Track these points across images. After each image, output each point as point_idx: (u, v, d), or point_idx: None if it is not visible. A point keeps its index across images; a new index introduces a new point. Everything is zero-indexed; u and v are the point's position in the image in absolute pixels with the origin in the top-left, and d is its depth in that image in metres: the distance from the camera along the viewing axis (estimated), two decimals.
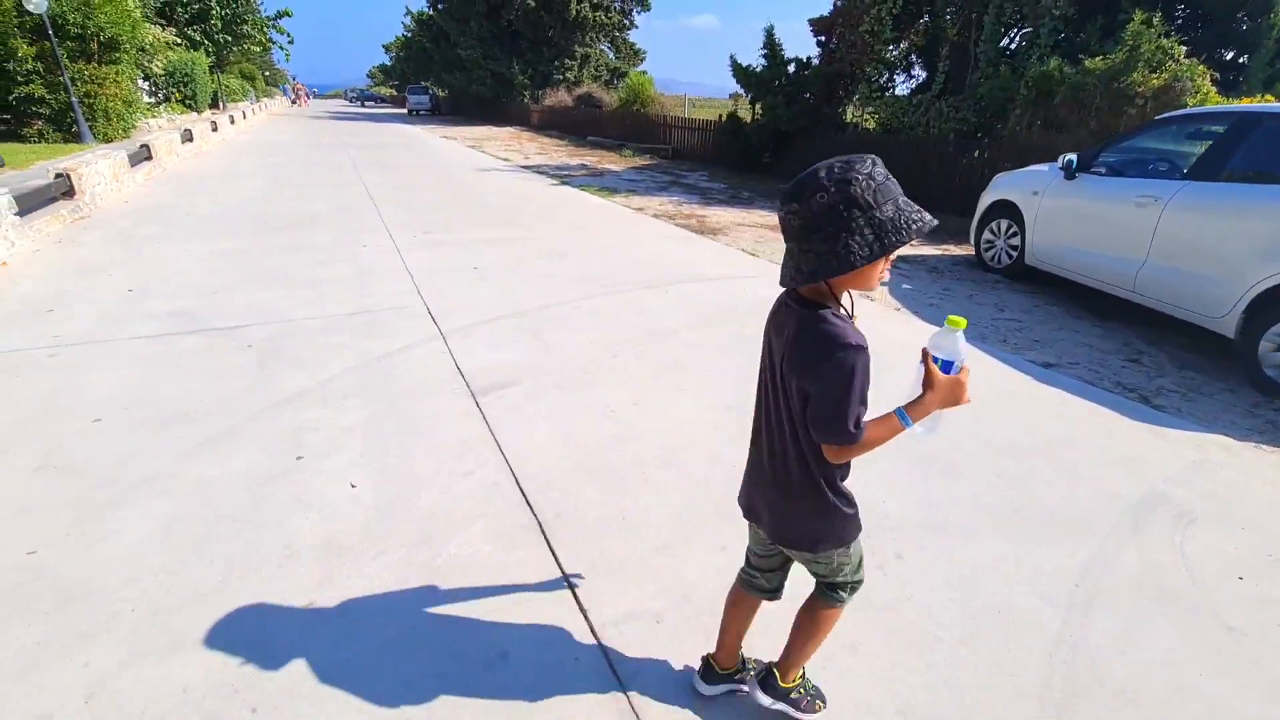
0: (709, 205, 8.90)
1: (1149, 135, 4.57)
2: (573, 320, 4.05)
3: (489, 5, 26.94)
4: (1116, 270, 4.31)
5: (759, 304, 4.50)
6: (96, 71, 12.16)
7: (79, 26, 11.65)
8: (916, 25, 10.04)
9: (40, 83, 11.58)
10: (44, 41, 11.29)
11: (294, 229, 6.33)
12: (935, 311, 4.61)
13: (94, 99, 12.18)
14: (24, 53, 11.26)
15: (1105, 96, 6.90)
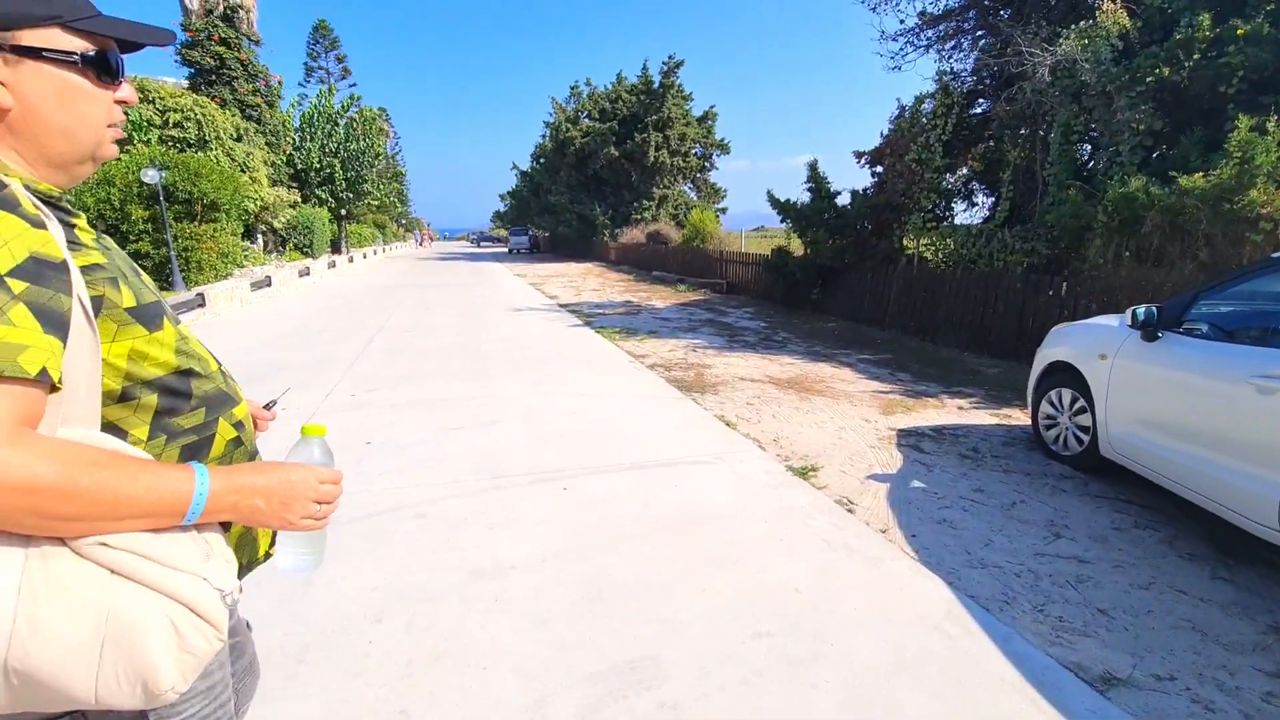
0: (728, 351, 7.83)
1: (1268, 277, 3.05)
2: (388, 538, 2.98)
3: (577, 158, 29.13)
4: (1240, 491, 2.68)
5: (677, 517, 3.23)
6: (196, 230, 13.61)
7: (186, 193, 13.20)
8: (974, 150, 8.96)
9: (148, 240, 13.05)
10: (155, 206, 12.85)
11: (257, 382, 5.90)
12: (944, 538, 3.10)
13: (190, 252, 13.53)
14: (137, 215, 12.83)
15: (1215, 221, 5.31)
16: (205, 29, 20.24)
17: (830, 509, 3.36)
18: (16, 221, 0.69)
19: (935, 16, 8.96)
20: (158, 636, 0.71)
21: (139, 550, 0.72)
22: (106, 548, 0.71)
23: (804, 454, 4.24)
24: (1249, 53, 5.99)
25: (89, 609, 0.68)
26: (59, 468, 0.66)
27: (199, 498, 0.75)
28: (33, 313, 0.67)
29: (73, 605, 0.68)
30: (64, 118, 0.80)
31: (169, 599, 0.73)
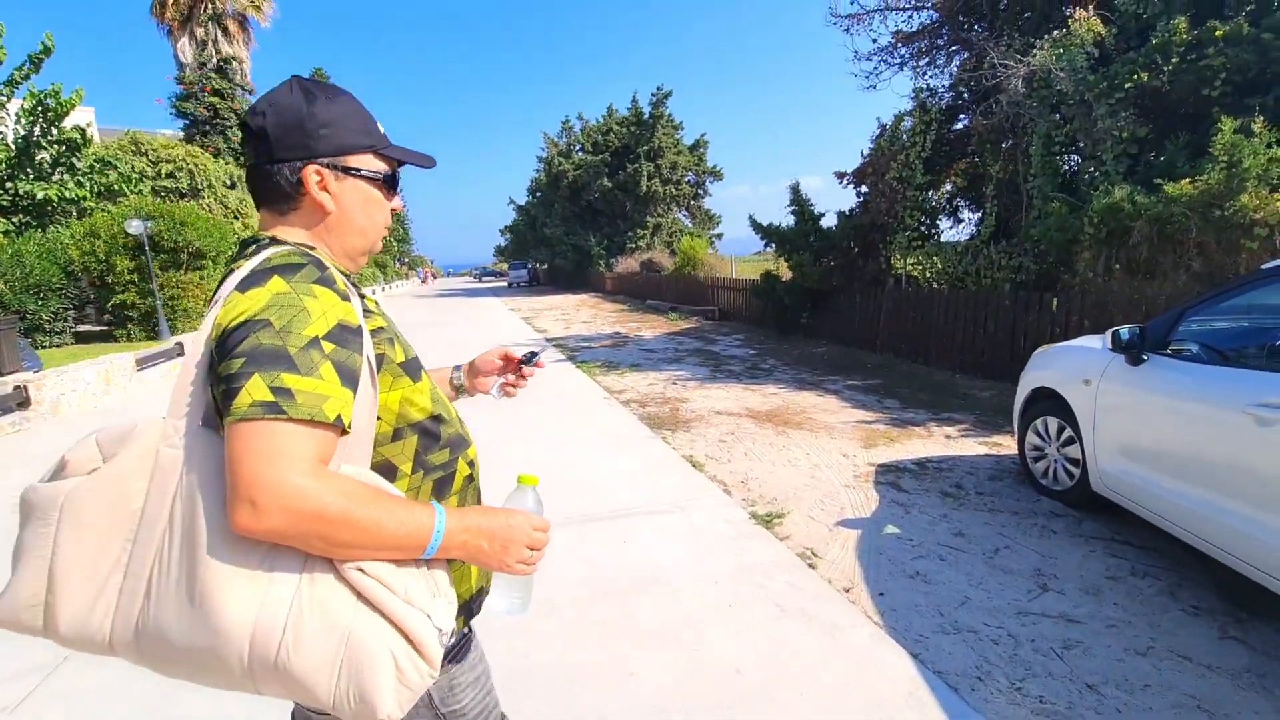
0: (710, 383, 7.53)
1: (1260, 291, 2.74)
2: None
3: (571, 190, 29.30)
4: (1244, 536, 2.34)
5: (619, 582, 2.91)
6: (183, 278, 13.58)
7: (171, 242, 13.19)
8: (956, 166, 8.75)
9: (134, 290, 13.00)
10: (141, 256, 12.83)
11: None
12: (915, 596, 2.75)
13: (177, 301, 13.48)
14: (123, 266, 12.80)
15: (1206, 229, 5.02)
16: (199, 81, 20.62)
17: (790, 565, 3.02)
18: (332, 296, 0.85)
19: (909, 34, 8.84)
20: (383, 667, 0.78)
21: (383, 579, 0.81)
22: (362, 573, 0.80)
23: (772, 497, 3.91)
24: (1230, 54, 5.77)
25: (336, 631, 0.77)
26: (343, 500, 0.77)
27: (437, 534, 0.84)
28: (335, 370, 0.81)
29: (326, 625, 0.77)
30: (364, 221, 1.00)
31: (396, 632, 0.80)
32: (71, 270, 12.67)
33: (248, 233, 10.37)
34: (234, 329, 0.79)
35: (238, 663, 0.77)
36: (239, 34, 22.48)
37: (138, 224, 12.23)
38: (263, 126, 0.92)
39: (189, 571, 0.77)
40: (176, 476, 0.79)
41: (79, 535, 0.79)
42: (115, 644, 0.80)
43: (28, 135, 13.13)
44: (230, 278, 0.89)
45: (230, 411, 0.75)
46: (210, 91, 20.63)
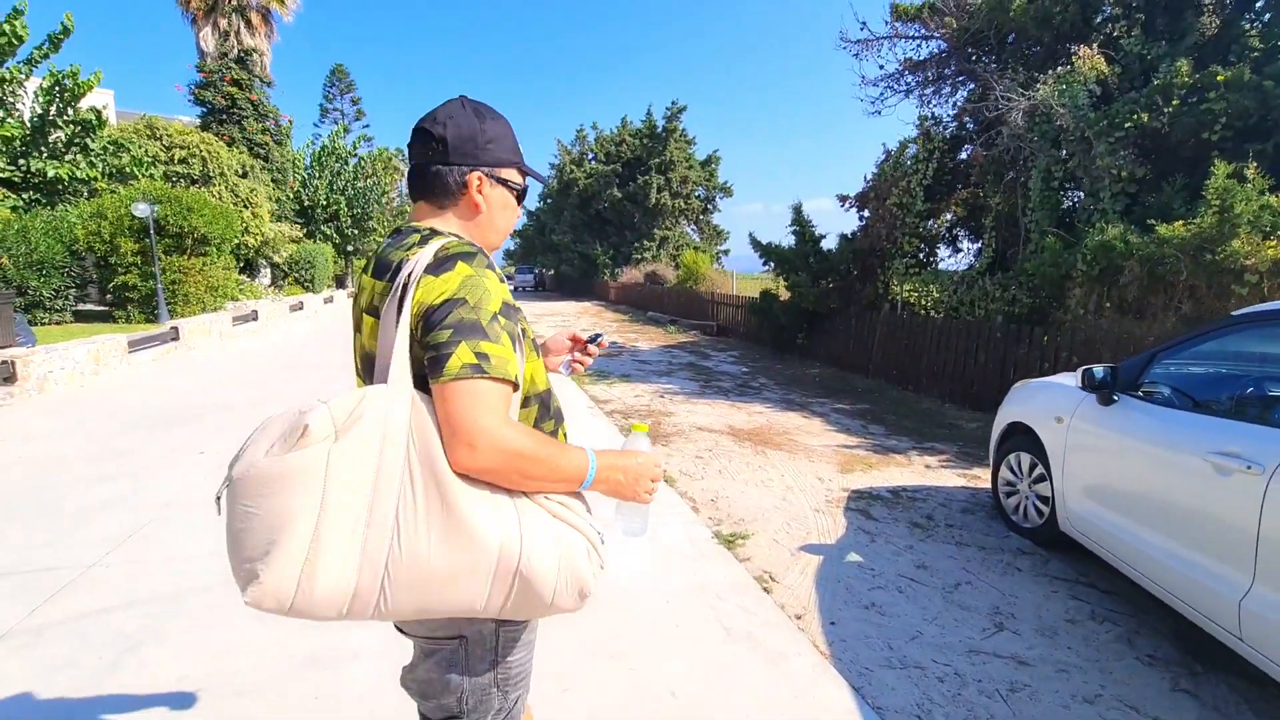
0: (697, 398, 7.50)
1: (1232, 337, 2.71)
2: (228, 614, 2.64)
3: (581, 198, 29.45)
4: (1199, 586, 2.30)
5: None
6: (185, 263, 13.65)
7: (177, 227, 13.27)
8: (957, 195, 8.74)
9: (136, 273, 13.06)
10: (145, 240, 12.91)
11: (184, 424, 5.68)
12: (867, 628, 2.71)
13: (178, 285, 13.53)
14: (127, 248, 12.88)
15: (1197, 272, 4.99)
16: (219, 70, 20.86)
17: (745, 587, 2.98)
18: (496, 278, 1.03)
19: (916, 62, 8.88)
20: (584, 558, 1.03)
21: (563, 503, 1.04)
22: (548, 500, 1.03)
23: (739, 517, 3.87)
24: (1231, 99, 5.77)
25: (549, 537, 0.98)
26: (532, 442, 0.97)
27: (591, 470, 1.05)
28: (509, 338, 0.98)
29: (543, 532, 0.98)
30: (502, 222, 1.20)
31: (581, 536, 1.04)
32: (76, 249, 12.75)
33: (255, 222, 10.69)
34: (438, 306, 0.96)
35: (485, 574, 0.95)
36: (261, 26, 22.76)
37: (144, 207, 12.31)
38: (444, 135, 1.10)
39: (442, 506, 0.92)
40: (405, 432, 0.93)
41: (340, 494, 0.90)
42: (357, 597, 0.92)
43: (44, 114, 13.26)
44: (407, 263, 1.01)
45: (444, 373, 0.92)
46: (229, 81, 20.87)
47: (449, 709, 1.12)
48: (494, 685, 1.14)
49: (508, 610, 1.00)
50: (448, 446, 0.92)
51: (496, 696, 1.14)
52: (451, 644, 1.09)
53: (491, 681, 1.13)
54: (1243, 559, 2.14)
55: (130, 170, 15.00)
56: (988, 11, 7.65)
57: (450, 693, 1.11)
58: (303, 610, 0.90)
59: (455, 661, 1.09)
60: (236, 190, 18.97)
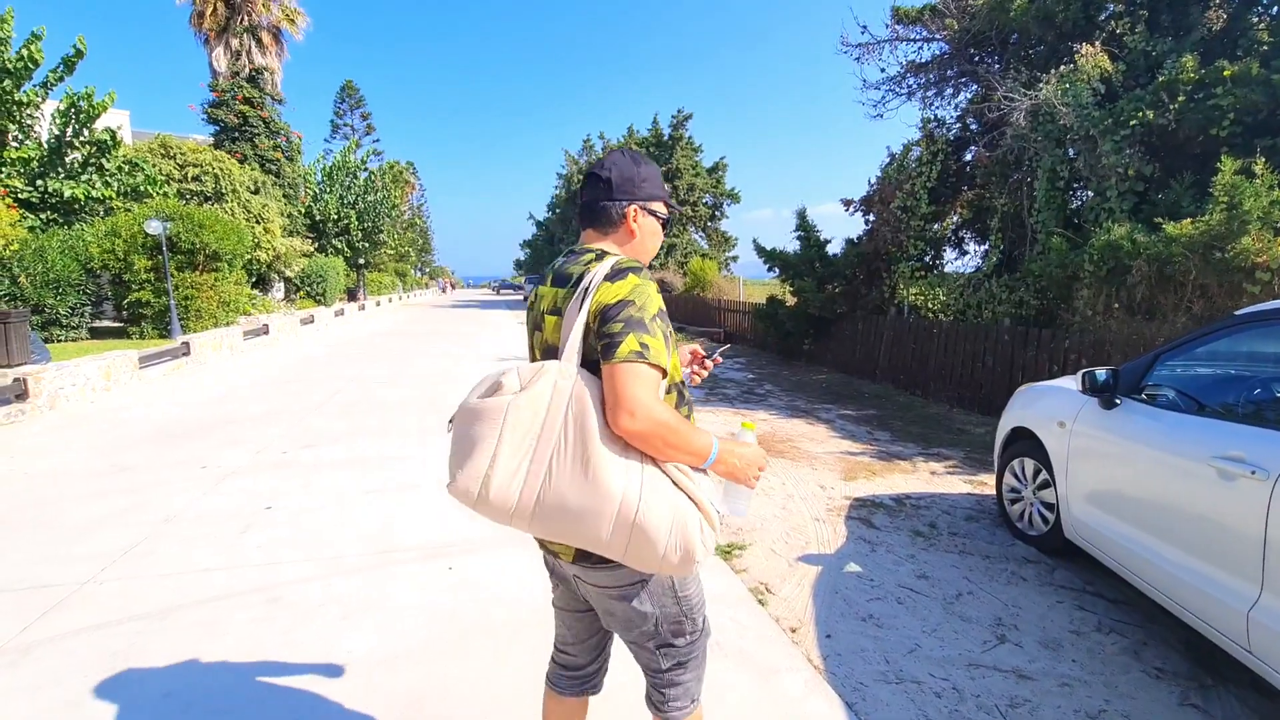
0: (702, 405, 7.44)
1: (1236, 338, 2.62)
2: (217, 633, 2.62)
3: None
4: (1206, 596, 2.21)
5: None
6: (197, 279, 13.83)
7: (189, 243, 13.47)
8: (962, 197, 8.65)
9: (149, 289, 13.27)
10: (158, 256, 13.11)
11: (189, 439, 5.72)
12: (864, 640, 2.64)
13: (191, 301, 13.71)
14: (140, 265, 13.09)
15: (1207, 270, 4.87)
16: (231, 89, 21.23)
17: (739, 600, 2.92)
18: (655, 287, 1.28)
19: (918, 65, 8.81)
20: (696, 527, 1.20)
21: (687, 474, 1.24)
22: (675, 469, 1.23)
23: (738, 527, 3.81)
24: (1239, 94, 5.65)
25: (666, 503, 1.19)
26: (673, 418, 1.19)
27: (715, 451, 1.27)
28: (663, 335, 1.23)
29: (662, 498, 1.19)
30: (650, 245, 1.45)
31: (697, 507, 1.22)
32: (91, 267, 12.98)
33: (267, 237, 11.15)
34: (612, 305, 1.22)
35: (609, 519, 1.17)
36: (272, 45, 23.16)
37: (156, 224, 12.51)
38: (609, 177, 1.40)
39: (583, 458, 1.18)
40: (568, 398, 1.20)
41: (513, 431, 1.19)
42: (518, 508, 1.21)
43: (60, 135, 13.54)
44: (588, 274, 1.29)
45: (615, 356, 1.18)
46: (241, 100, 21.23)
47: (649, 634, 1.41)
48: (682, 614, 1.42)
49: (627, 556, 1.22)
50: (611, 412, 1.18)
51: (686, 621, 1.43)
52: (637, 587, 1.36)
53: (680, 611, 1.41)
54: (1250, 568, 2.06)
55: (145, 189, 15.25)
56: (989, 12, 7.59)
57: (648, 620, 1.39)
58: (480, 509, 1.24)
59: (644, 598, 1.37)
60: (249, 206, 19.23)
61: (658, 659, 1.45)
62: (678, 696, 1.47)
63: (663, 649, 1.43)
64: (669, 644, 1.43)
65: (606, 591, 1.39)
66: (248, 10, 22.27)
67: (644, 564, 1.23)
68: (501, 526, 2.78)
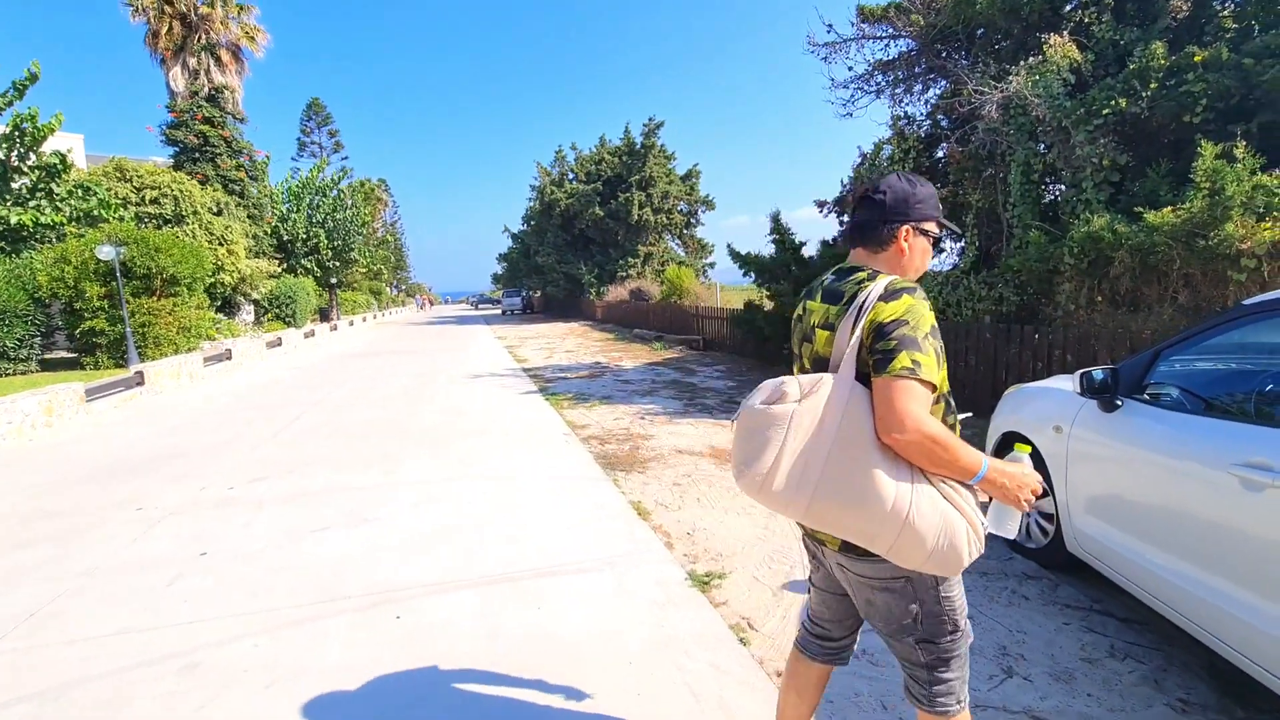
0: (680, 418, 7.17)
1: (1246, 329, 2.41)
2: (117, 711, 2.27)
3: (563, 218, 29.31)
4: (1231, 618, 1.97)
5: (517, 658, 2.52)
6: (154, 305, 13.29)
7: (145, 268, 12.93)
8: None
9: (104, 317, 12.70)
10: (112, 282, 12.56)
11: (131, 476, 5.30)
12: (857, 681, 2.36)
13: (148, 328, 13.15)
14: (92, 292, 12.52)
15: (1191, 259, 4.73)
16: (190, 109, 20.66)
17: (719, 640, 2.63)
18: (927, 306, 1.37)
19: (886, 62, 8.70)
20: (963, 535, 1.33)
21: (955, 489, 1.37)
22: (941, 482, 1.36)
23: (718, 552, 3.53)
24: (1210, 79, 5.56)
25: (936, 509, 1.32)
26: (942, 432, 1.30)
27: (983, 468, 1.34)
28: (934, 353, 1.33)
29: (932, 506, 1.32)
30: (919, 263, 1.53)
31: (966, 520, 1.34)
32: (39, 296, 12.39)
33: (231, 259, 10.82)
34: (888, 323, 1.32)
35: (880, 518, 1.30)
36: (232, 64, 22.63)
37: (109, 249, 11.97)
38: (884, 199, 1.47)
39: (856, 462, 1.31)
40: (843, 408, 1.33)
41: (795, 435, 1.33)
42: (796, 501, 1.35)
43: (4, 160, 12.96)
44: (862, 293, 1.39)
45: (888, 370, 1.29)
46: (201, 119, 20.67)
47: (908, 628, 1.48)
48: (943, 613, 1.47)
49: (892, 551, 1.33)
50: (881, 423, 1.30)
51: (947, 620, 1.47)
52: (900, 581, 1.45)
53: (941, 610, 1.46)
54: (1266, 577, 1.82)
55: (99, 213, 14.66)
56: (954, 7, 7.48)
57: (908, 615, 1.47)
58: (762, 499, 1.38)
59: (906, 593, 1.45)
60: (210, 228, 18.66)
61: (916, 653, 1.51)
62: (943, 694, 1.51)
63: (922, 644, 1.49)
64: (928, 640, 1.48)
65: (869, 582, 1.50)
66: (205, 29, 21.75)
67: (908, 562, 1.35)
68: (460, 567, 2.91)
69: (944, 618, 1.46)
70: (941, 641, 1.48)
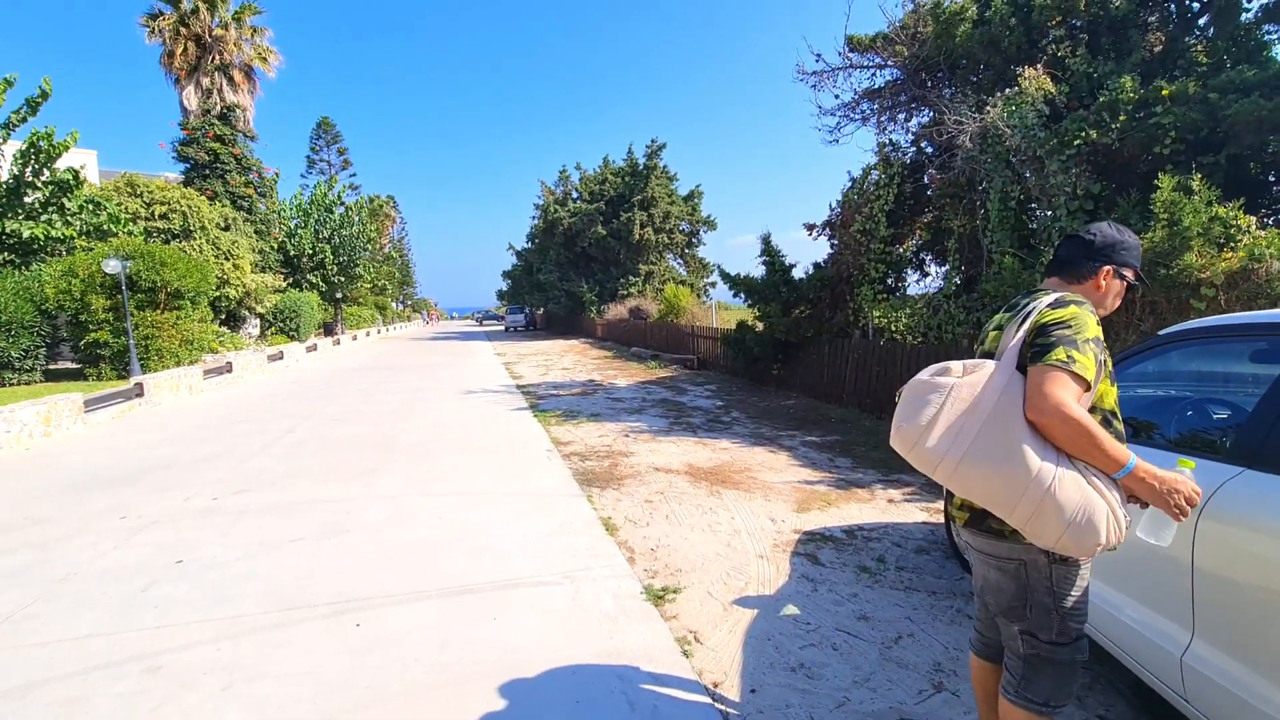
0: (663, 436, 7.27)
1: (1156, 359, 2.51)
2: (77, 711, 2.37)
3: (565, 237, 29.64)
4: (1145, 640, 2.05)
5: (467, 669, 2.61)
6: (158, 318, 13.54)
7: (150, 282, 13.20)
8: (920, 220, 8.67)
9: (108, 329, 12.94)
10: (118, 295, 12.82)
11: (118, 486, 5.43)
12: (790, 695, 2.44)
13: (151, 340, 13.39)
14: (98, 305, 12.78)
15: (1156, 288, 4.83)
16: (202, 127, 21.15)
17: (663, 653, 2.72)
18: (1095, 319, 1.54)
19: (872, 90, 8.91)
20: (1102, 517, 1.42)
21: (1099, 476, 1.46)
22: (1089, 469, 1.46)
23: (677, 568, 3.62)
24: (1178, 113, 5.71)
25: (1079, 489, 1.42)
26: (1086, 419, 1.43)
27: (1131, 463, 1.45)
28: (1093, 357, 1.48)
29: (1075, 483, 1.42)
30: (1110, 303, 1.71)
31: (1108, 505, 1.43)
32: (46, 308, 12.65)
33: (237, 273, 11.19)
34: (1051, 325, 1.50)
35: (1022, 486, 1.40)
36: (244, 84, 23.20)
37: (115, 263, 12.24)
38: (1093, 240, 1.68)
39: (1007, 434, 1.44)
40: (1000, 390, 1.48)
41: (952, 404, 1.49)
42: (945, 462, 1.48)
43: (19, 175, 13.31)
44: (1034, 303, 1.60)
45: (1044, 360, 1.44)
46: (212, 137, 21.14)
47: (1016, 613, 1.60)
48: (1054, 608, 1.57)
49: (1030, 524, 1.43)
50: (1029, 403, 1.46)
51: (1055, 619, 1.57)
52: (1014, 564, 1.58)
53: (1051, 605, 1.57)
54: (1179, 607, 1.91)
55: (108, 227, 15.00)
56: (936, 39, 7.69)
57: (1017, 598, 1.59)
58: (913, 458, 1.54)
59: (1019, 575, 1.58)
60: (217, 243, 19.02)
61: (1018, 642, 1.62)
62: (1030, 691, 1.60)
63: (1025, 635, 1.59)
64: (1031, 634, 1.59)
65: (987, 559, 1.64)
66: (219, 50, 22.34)
67: (1043, 536, 1.43)
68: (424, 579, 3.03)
69: (1051, 615, 1.56)
70: (1043, 637, 1.58)
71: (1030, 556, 1.55)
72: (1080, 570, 1.60)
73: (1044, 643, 1.58)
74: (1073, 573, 1.58)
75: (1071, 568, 1.58)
